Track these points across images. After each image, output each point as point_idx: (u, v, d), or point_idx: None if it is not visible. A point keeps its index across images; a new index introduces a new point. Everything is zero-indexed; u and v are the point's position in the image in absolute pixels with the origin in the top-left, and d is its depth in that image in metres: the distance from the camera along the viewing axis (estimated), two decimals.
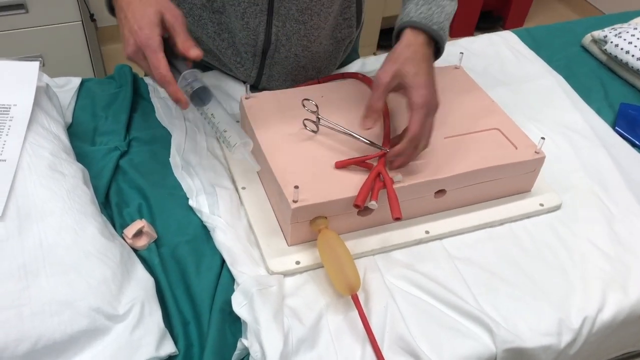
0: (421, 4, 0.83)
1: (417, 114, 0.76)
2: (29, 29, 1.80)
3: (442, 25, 0.83)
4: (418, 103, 0.76)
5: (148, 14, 0.74)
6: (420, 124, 0.76)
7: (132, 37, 0.74)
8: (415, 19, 0.81)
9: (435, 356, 0.72)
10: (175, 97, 0.76)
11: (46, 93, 0.90)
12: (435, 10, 0.83)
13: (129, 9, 0.75)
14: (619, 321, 0.80)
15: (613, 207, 0.93)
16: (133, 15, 0.74)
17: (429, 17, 0.82)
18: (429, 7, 0.83)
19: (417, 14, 0.82)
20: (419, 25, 0.81)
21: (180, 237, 0.82)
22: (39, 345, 0.63)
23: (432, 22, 0.82)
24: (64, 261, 0.67)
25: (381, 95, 0.78)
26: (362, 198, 0.76)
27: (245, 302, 0.73)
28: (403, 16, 0.84)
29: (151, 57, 0.74)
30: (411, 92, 0.77)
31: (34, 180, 0.73)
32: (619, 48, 1.20)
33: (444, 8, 0.84)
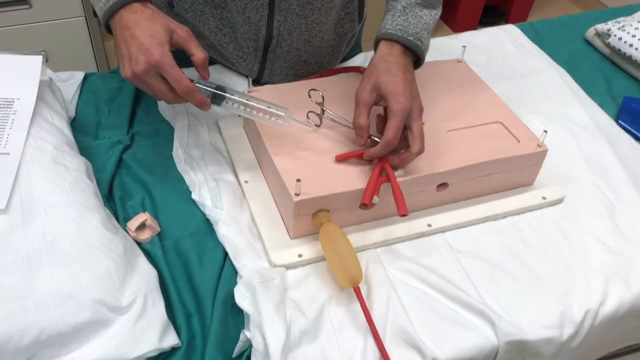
0: (398, 15, 0.85)
1: (394, 121, 0.77)
2: (32, 24, 1.80)
3: (419, 35, 0.84)
4: (395, 109, 0.77)
5: (158, 31, 0.74)
6: (396, 129, 0.77)
7: (142, 55, 0.73)
8: (391, 30, 0.83)
9: (437, 348, 0.72)
10: (201, 102, 0.77)
11: (49, 87, 0.91)
12: (412, 21, 0.84)
13: (137, 27, 0.74)
14: (621, 314, 0.80)
15: (615, 200, 0.93)
16: (142, 33, 0.74)
17: (404, 29, 0.83)
18: (406, 17, 0.85)
19: (392, 26, 0.84)
20: (393, 37, 0.83)
21: (183, 230, 0.82)
22: (43, 336, 0.63)
23: (407, 34, 0.83)
24: (67, 253, 0.68)
25: (362, 111, 0.80)
26: (368, 196, 0.76)
27: (248, 294, 0.73)
28: (380, 28, 0.85)
29: (170, 72, 0.74)
30: (389, 100, 0.78)
31: (38, 173, 0.74)
32: (623, 41, 1.20)
33: (422, 18, 0.86)
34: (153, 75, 0.74)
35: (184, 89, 0.75)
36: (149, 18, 0.75)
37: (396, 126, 0.77)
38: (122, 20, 0.76)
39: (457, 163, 0.83)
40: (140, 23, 0.75)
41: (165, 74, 0.74)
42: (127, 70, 0.75)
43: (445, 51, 1.20)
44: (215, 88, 0.79)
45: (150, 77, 0.74)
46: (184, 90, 0.75)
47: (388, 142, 0.77)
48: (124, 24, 0.76)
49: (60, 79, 1.03)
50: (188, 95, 0.76)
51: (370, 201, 0.76)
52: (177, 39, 0.76)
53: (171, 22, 0.76)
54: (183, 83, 0.74)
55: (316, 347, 0.71)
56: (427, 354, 0.71)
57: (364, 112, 0.80)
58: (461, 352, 0.73)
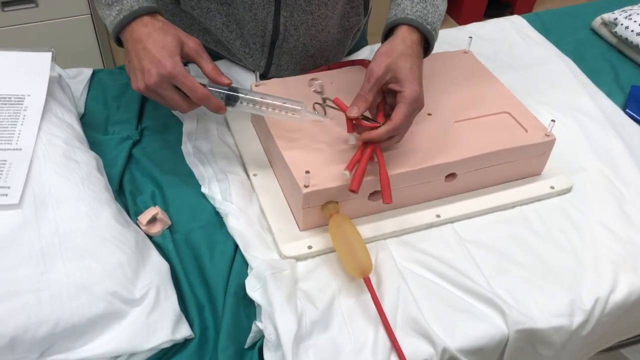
0: (417, 2, 0.83)
1: (405, 107, 0.76)
2: (38, 23, 1.81)
3: (435, 26, 0.83)
4: (410, 96, 0.76)
5: (170, 43, 0.75)
6: (405, 116, 0.76)
7: (155, 67, 0.74)
8: (412, 16, 0.81)
9: (448, 338, 0.72)
10: (217, 107, 0.78)
11: (59, 83, 0.91)
12: (430, 10, 0.83)
13: (148, 40, 0.75)
14: (631, 302, 0.80)
15: (624, 189, 0.93)
16: (154, 46, 0.75)
17: (424, 16, 0.82)
18: (425, 5, 0.83)
19: (412, 12, 0.82)
20: (414, 23, 0.81)
21: (194, 223, 0.83)
22: (58, 328, 0.64)
23: (426, 22, 0.82)
24: (80, 246, 0.69)
25: (372, 87, 0.78)
26: (357, 182, 0.75)
27: (259, 285, 0.73)
28: (397, 12, 0.83)
29: (184, 82, 0.75)
30: (404, 85, 0.76)
31: (49, 168, 0.74)
32: (630, 30, 1.20)
33: (438, 8, 0.85)
34: (166, 86, 0.76)
35: (200, 96, 0.76)
36: (159, 30, 0.76)
37: (406, 112, 0.76)
38: (133, 33, 0.77)
39: (466, 153, 0.83)
40: (151, 35, 0.76)
41: (178, 83, 0.75)
42: (140, 83, 0.76)
43: (452, 42, 1.20)
44: (228, 89, 0.79)
45: (164, 89, 0.76)
46: (200, 97, 0.76)
47: (395, 126, 0.76)
48: (135, 37, 0.77)
49: (69, 75, 1.03)
50: (204, 102, 0.77)
51: (358, 187, 0.75)
52: (188, 51, 0.78)
53: (182, 34, 0.78)
54: (198, 91, 0.75)
55: (327, 337, 0.71)
56: (438, 343, 0.71)
57: (374, 89, 0.78)
58: (471, 341, 0.73)
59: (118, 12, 0.78)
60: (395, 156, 0.82)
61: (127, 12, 0.77)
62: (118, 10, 0.78)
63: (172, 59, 0.74)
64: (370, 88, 0.78)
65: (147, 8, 0.78)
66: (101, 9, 0.80)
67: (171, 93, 0.76)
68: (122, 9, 0.78)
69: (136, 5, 0.78)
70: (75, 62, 1.90)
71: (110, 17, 0.78)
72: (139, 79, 0.76)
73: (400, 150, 0.83)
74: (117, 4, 0.78)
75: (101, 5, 0.80)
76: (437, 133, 0.86)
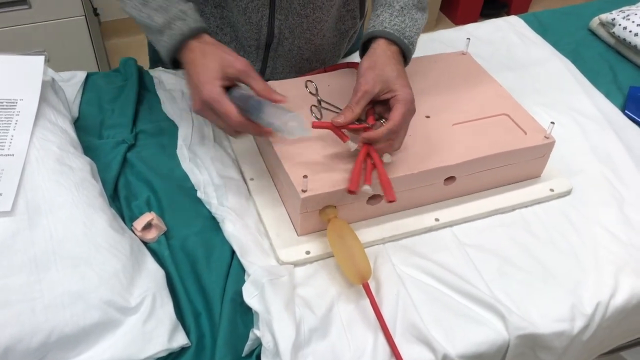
0: (396, 15, 0.83)
1: (402, 106, 0.76)
2: (32, 24, 1.80)
3: (412, 40, 0.84)
4: (404, 98, 0.76)
5: (209, 69, 0.75)
6: (402, 115, 0.76)
7: (195, 93, 0.76)
8: (390, 30, 0.82)
9: (448, 343, 0.72)
10: (260, 133, 0.77)
11: (52, 87, 0.90)
12: (408, 24, 0.83)
13: (192, 66, 0.77)
14: (632, 305, 0.80)
15: (624, 191, 0.92)
16: (195, 72, 0.76)
17: (401, 30, 0.82)
18: (403, 19, 0.83)
19: (390, 25, 0.82)
20: (391, 37, 0.81)
21: (190, 229, 0.82)
22: (52, 337, 0.63)
23: (404, 36, 0.82)
24: (74, 254, 0.67)
25: (360, 100, 0.77)
26: (355, 183, 0.74)
27: (256, 292, 0.72)
28: (376, 24, 0.83)
29: (219, 108, 0.74)
30: (397, 90, 0.77)
31: (43, 174, 0.73)
32: (628, 30, 1.19)
33: (417, 22, 0.85)
34: (208, 112, 0.76)
35: (235, 123, 0.75)
36: (202, 55, 0.77)
37: (403, 113, 0.76)
38: (183, 59, 0.79)
39: (464, 156, 0.82)
40: (195, 62, 0.77)
41: (215, 110, 0.75)
42: (193, 108, 0.79)
43: (449, 43, 1.19)
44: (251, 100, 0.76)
45: (207, 114, 0.77)
46: (235, 124, 0.75)
47: (395, 125, 0.75)
48: (185, 62, 0.79)
49: (63, 78, 1.02)
50: (242, 128, 0.76)
51: (356, 187, 0.74)
52: (234, 73, 0.76)
53: (227, 55, 0.77)
54: (232, 118, 0.74)
55: (326, 345, 0.71)
56: (438, 350, 0.70)
57: (362, 102, 0.78)
58: (472, 346, 0.72)
59: (169, 37, 0.78)
60: (393, 159, 0.81)
61: (177, 36, 0.78)
62: (169, 35, 0.78)
63: (210, 84, 0.74)
64: (358, 101, 0.77)
65: (197, 29, 0.78)
66: (151, 34, 0.81)
67: (215, 118, 0.77)
68: (172, 34, 0.78)
69: (186, 28, 0.78)
70: (69, 63, 1.89)
71: (163, 42, 0.79)
72: (192, 104, 0.79)
73: (399, 154, 0.82)
74: (167, 28, 0.78)
75: (150, 31, 0.80)
76: (436, 136, 0.85)
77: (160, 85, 1.04)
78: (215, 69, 0.75)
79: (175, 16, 0.78)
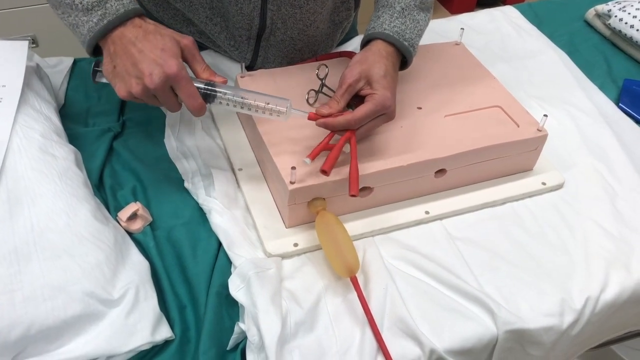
0: (396, 17, 0.82)
1: (371, 105, 0.74)
2: (20, 8, 1.77)
3: (413, 42, 0.83)
4: (378, 100, 0.75)
5: (169, 46, 0.71)
6: (366, 114, 0.74)
7: (158, 68, 0.69)
8: (389, 32, 0.81)
9: (436, 338, 0.71)
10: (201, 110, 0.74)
11: (36, 73, 0.88)
12: (409, 25, 0.82)
13: (145, 42, 0.70)
14: (622, 301, 0.79)
15: (616, 185, 0.91)
16: (152, 48, 0.70)
17: (401, 32, 0.81)
18: (404, 20, 0.82)
19: (390, 27, 0.81)
20: (390, 39, 0.80)
21: (176, 219, 0.81)
22: (32, 330, 0.61)
23: (404, 38, 0.81)
24: (56, 245, 0.66)
25: (344, 93, 0.76)
26: (329, 164, 0.72)
27: (243, 285, 0.71)
28: (376, 25, 0.82)
29: (187, 87, 0.71)
30: (376, 88, 0.75)
31: (25, 163, 0.72)
32: (624, 22, 1.18)
33: (418, 23, 0.84)
34: (167, 89, 0.71)
35: (198, 107, 0.72)
36: (154, 32, 0.72)
37: (369, 111, 0.74)
38: (124, 36, 0.72)
39: (456, 148, 0.81)
40: (147, 37, 0.71)
41: (180, 87, 0.71)
42: (137, 88, 0.70)
43: (442, 33, 1.18)
44: (206, 84, 0.75)
45: (164, 91, 0.71)
46: (197, 108, 0.72)
47: (354, 118, 0.74)
48: (127, 39, 0.71)
49: (49, 64, 1.00)
50: (197, 111, 0.73)
51: (330, 168, 0.72)
52: (183, 51, 0.73)
53: (175, 34, 0.73)
54: (198, 101, 0.72)
55: (312, 338, 0.70)
56: (426, 344, 0.70)
57: (346, 96, 0.77)
58: (460, 341, 0.72)
59: (101, 17, 0.71)
60: (383, 151, 0.80)
61: (112, 16, 0.71)
62: (101, 15, 0.71)
63: (176, 60, 0.70)
64: (342, 94, 0.76)
65: (135, 10, 0.73)
66: (72, 16, 0.73)
67: (169, 96, 0.72)
68: (105, 13, 0.71)
69: (122, 9, 0.72)
70: (58, 49, 1.86)
71: (90, 23, 0.72)
72: (134, 84, 0.71)
73: (389, 145, 0.81)
74: (98, 8, 0.71)
75: (74, 11, 0.72)
76: (427, 127, 0.84)
77: None
78: (173, 45, 0.71)
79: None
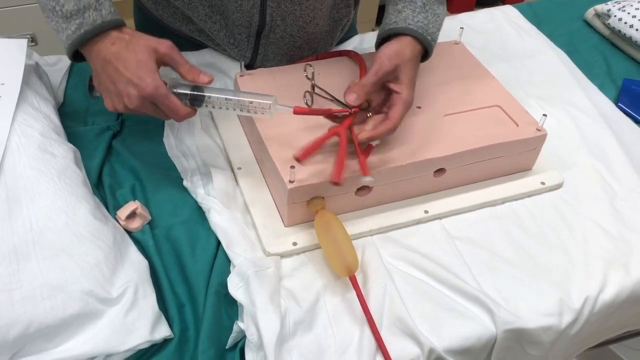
0: (418, 12, 0.82)
1: (403, 108, 0.76)
2: (20, 6, 1.77)
3: (435, 36, 0.84)
4: (407, 101, 0.77)
5: (143, 60, 0.71)
6: (401, 116, 0.76)
7: (134, 89, 0.70)
8: (413, 27, 0.81)
9: (435, 337, 0.71)
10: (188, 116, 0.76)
11: (35, 71, 0.88)
12: (431, 20, 0.83)
13: (119, 61, 0.71)
14: (621, 301, 0.79)
15: (616, 185, 0.91)
16: (127, 67, 0.70)
17: (424, 27, 0.81)
18: (425, 15, 0.82)
19: (414, 22, 0.81)
20: (416, 34, 0.80)
21: (175, 218, 0.80)
22: (30, 329, 0.61)
23: (427, 33, 0.81)
24: (55, 244, 0.66)
25: (379, 80, 0.77)
26: (337, 173, 0.72)
27: (241, 284, 0.71)
28: (398, 20, 0.82)
29: (166, 103, 0.72)
30: (403, 89, 0.77)
31: (24, 161, 0.71)
32: (623, 22, 1.18)
33: (438, 17, 0.84)
34: (148, 105, 0.73)
35: (182, 118, 0.75)
36: (127, 47, 0.71)
37: (402, 114, 0.76)
38: (100, 52, 0.72)
39: (455, 148, 0.81)
40: (121, 55, 0.71)
41: (160, 104, 0.73)
42: (119, 105, 0.73)
43: (442, 32, 1.17)
44: (192, 89, 0.75)
45: (146, 108, 0.73)
46: (182, 119, 0.75)
47: (394, 124, 0.76)
48: (102, 56, 0.72)
49: (48, 63, 1.00)
50: (182, 119, 0.75)
51: (340, 179, 0.72)
52: (162, 58, 0.73)
53: (151, 42, 0.73)
54: (180, 113, 0.74)
55: (311, 337, 0.70)
56: (425, 344, 0.70)
57: (379, 82, 0.77)
58: (459, 341, 0.72)
59: (78, 26, 0.71)
60: (382, 151, 0.80)
61: (89, 26, 0.71)
62: (78, 24, 0.71)
63: (151, 77, 0.70)
64: (376, 81, 0.76)
65: (113, 22, 0.72)
66: (54, 22, 0.73)
67: (154, 110, 0.74)
68: (83, 22, 0.71)
69: (99, 20, 0.71)
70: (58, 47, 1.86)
71: (68, 31, 0.72)
72: (116, 101, 0.73)
73: (388, 145, 0.81)
74: (76, 17, 0.71)
75: (55, 17, 0.72)
76: (427, 127, 0.84)
77: None
78: (147, 59, 0.71)
79: (88, 4, 0.71)
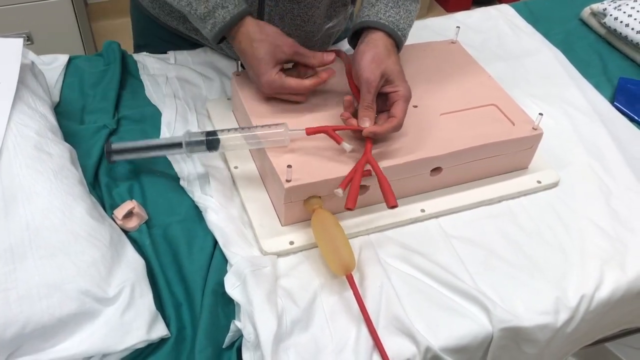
0: (391, 6, 0.84)
1: (404, 103, 0.80)
2: (16, 5, 1.76)
3: (405, 32, 0.86)
4: (406, 95, 0.80)
5: (261, 58, 0.81)
6: (404, 111, 0.80)
7: (258, 80, 0.82)
8: (384, 22, 0.83)
9: (431, 336, 0.71)
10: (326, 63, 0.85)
11: (31, 71, 0.88)
12: (403, 16, 0.85)
13: (244, 57, 0.83)
14: (616, 299, 0.79)
15: (611, 184, 0.92)
16: (249, 65, 0.83)
17: (396, 22, 0.84)
18: (398, 10, 0.84)
19: (386, 17, 0.84)
20: (387, 29, 0.83)
21: (172, 217, 0.80)
22: (27, 329, 0.61)
23: (398, 28, 0.84)
24: (51, 243, 0.66)
25: (374, 98, 0.80)
26: (352, 200, 0.74)
27: (238, 283, 0.71)
28: (370, 13, 0.84)
29: (283, 91, 0.83)
30: (397, 85, 0.81)
31: (20, 161, 0.71)
32: (619, 21, 1.18)
33: (410, 13, 0.87)
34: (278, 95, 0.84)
35: (308, 89, 0.83)
36: (251, 44, 0.81)
37: (404, 109, 0.80)
38: (235, 46, 0.84)
39: (451, 147, 0.81)
40: (245, 52, 0.82)
41: (280, 96, 0.84)
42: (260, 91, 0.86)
43: (438, 31, 1.18)
44: (207, 134, 0.79)
45: (279, 96, 0.85)
46: (306, 91, 0.84)
47: (399, 121, 0.79)
48: (237, 49, 0.84)
49: (44, 62, 1.00)
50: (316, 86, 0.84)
51: (354, 205, 0.74)
52: (285, 57, 0.82)
53: (277, 39, 0.81)
54: (302, 89, 0.83)
55: (308, 336, 0.70)
56: (421, 342, 0.70)
57: (374, 97, 0.80)
58: (455, 339, 0.72)
59: (213, 25, 0.81)
60: (379, 150, 0.80)
61: (220, 24, 0.80)
62: (212, 24, 0.81)
63: (265, 75, 0.81)
64: (373, 99, 0.80)
65: (239, 14, 0.80)
66: (194, 22, 0.83)
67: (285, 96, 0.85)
68: (215, 22, 0.80)
69: (228, 16, 0.80)
70: (55, 46, 1.86)
71: (206, 30, 0.82)
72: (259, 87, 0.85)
73: (385, 144, 0.81)
74: (209, 17, 0.80)
75: (193, 19, 0.83)
76: (423, 126, 0.84)
77: (144, 70, 1.02)
78: (266, 58, 0.80)
79: (216, 4, 0.79)
